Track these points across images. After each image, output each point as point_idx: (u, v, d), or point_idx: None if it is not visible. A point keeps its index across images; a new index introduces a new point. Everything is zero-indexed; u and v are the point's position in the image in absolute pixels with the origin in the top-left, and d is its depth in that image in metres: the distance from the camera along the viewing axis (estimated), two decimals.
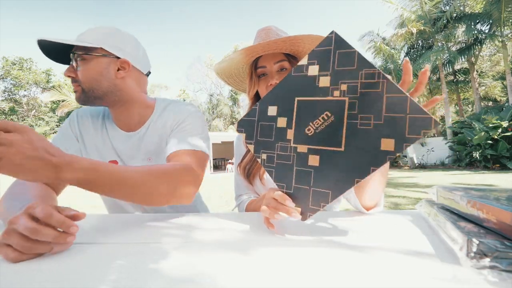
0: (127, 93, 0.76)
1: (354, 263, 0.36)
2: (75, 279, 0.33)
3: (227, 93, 32.23)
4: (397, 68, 13.73)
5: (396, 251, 0.40)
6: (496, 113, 10.78)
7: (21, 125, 0.44)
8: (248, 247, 0.43)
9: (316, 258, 0.38)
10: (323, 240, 0.46)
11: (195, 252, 0.41)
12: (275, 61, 0.82)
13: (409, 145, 0.40)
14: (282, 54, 0.83)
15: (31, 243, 0.39)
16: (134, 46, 0.77)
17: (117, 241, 0.48)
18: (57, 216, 0.41)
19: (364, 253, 0.39)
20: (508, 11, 10.51)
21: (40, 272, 0.36)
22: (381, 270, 0.33)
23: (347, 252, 0.40)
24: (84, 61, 0.70)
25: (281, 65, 0.82)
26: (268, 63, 0.82)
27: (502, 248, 0.30)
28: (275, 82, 0.80)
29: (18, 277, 0.34)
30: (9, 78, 24.77)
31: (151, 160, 0.81)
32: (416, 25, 12.72)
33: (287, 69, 0.83)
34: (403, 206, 4.35)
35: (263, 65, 0.83)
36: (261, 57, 0.83)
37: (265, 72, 0.84)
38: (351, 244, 0.43)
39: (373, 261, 0.36)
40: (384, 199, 0.67)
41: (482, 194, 0.43)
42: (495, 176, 7.79)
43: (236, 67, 0.90)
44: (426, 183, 7.01)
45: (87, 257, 0.41)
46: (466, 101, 18.44)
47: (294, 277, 0.32)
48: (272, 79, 0.81)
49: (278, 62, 0.82)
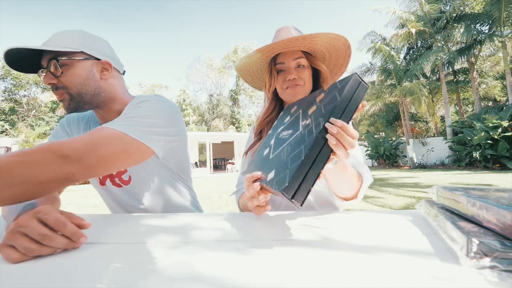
0: (111, 92, 0.77)
1: (354, 263, 0.36)
2: (74, 279, 0.33)
3: (227, 93, 32.24)
4: (397, 68, 13.74)
5: (396, 251, 0.40)
6: (496, 113, 10.78)
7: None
8: (248, 247, 0.43)
9: (316, 258, 0.38)
10: (323, 240, 0.46)
11: (194, 252, 0.41)
12: (294, 57, 0.85)
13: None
14: (300, 52, 0.86)
15: (37, 247, 0.39)
16: (108, 47, 0.78)
17: (116, 241, 0.48)
18: (70, 227, 0.41)
19: (364, 253, 0.39)
20: (508, 11, 10.51)
21: (40, 272, 0.36)
22: (381, 270, 0.33)
23: (347, 252, 0.40)
24: (66, 66, 0.68)
25: (298, 62, 0.86)
26: (286, 59, 0.86)
27: (502, 248, 0.30)
28: (293, 78, 0.84)
29: (18, 277, 0.34)
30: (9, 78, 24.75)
31: None
32: (416, 26, 12.72)
33: (304, 65, 0.86)
34: (403, 206, 4.35)
35: (282, 62, 0.86)
36: (280, 54, 0.87)
37: (283, 68, 0.87)
38: (351, 244, 0.43)
39: (373, 261, 0.36)
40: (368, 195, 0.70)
41: (482, 194, 0.43)
42: (495, 176, 7.79)
43: (255, 65, 0.95)
44: (426, 183, 7.01)
45: (86, 257, 0.41)
46: (466, 101, 18.44)
47: (294, 277, 0.32)
48: (290, 74, 0.84)
49: (297, 59, 0.85)
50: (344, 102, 0.46)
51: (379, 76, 15.93)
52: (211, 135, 16.82)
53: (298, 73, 0.85)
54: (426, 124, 17.64)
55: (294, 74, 0.85)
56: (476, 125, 10.44)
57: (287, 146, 0.52)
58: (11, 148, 15.38)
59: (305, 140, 0.46)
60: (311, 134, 0.46)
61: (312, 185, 0.43)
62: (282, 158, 0.50)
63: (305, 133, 0.49)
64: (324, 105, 0.50)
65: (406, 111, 14.57)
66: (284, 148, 0.53)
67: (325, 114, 0.47)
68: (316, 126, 0.46)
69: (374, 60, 15.59)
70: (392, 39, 13.66)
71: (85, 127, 0.86)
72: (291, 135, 0.54)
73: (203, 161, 19.46)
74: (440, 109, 17.38)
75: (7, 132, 22.02)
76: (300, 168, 0.42)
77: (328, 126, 0.44)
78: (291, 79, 0.84)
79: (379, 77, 16.05)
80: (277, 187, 0.43)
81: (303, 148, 0.44)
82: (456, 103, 16.53)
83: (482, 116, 11.08)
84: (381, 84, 15.69)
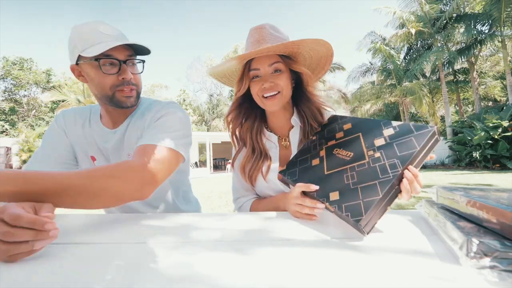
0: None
1: (354, 263, 0.36)
2: (73, 279, 0.33)
3: (227, 93, 32.23)
4: (397, 68, 13.74)
5: (396, 251, 0.40)
6: (496, 113, 10.78)
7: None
8: (247, 247, 0.43)
9: (316, 258, 0.38)
10: (323, 240, 0.46)
11: (194, 252, 0.41)
12: (270, 63, 0.79)
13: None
14: (276, 56, 0.79)
15: (7, 246, 0.38)
16: None
17: (115, 241, 0.48)
18: (26, 217, 0.39)
19: (364, 253, 0.39)
20: (508, 11, 10.51)
21: (39, 272, 0.36)
22: (381, 270, 0.33)
23: (347, 252, 0.40)
24: (137, 65, 0.80)
25: (275, 67, 0.79)
26: (262, 65, 0.79)
27: (502, 248, 0.30)
28: (269, 85, 0.78)
29: (17, 277, 0.34)
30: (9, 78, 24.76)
31: (130, 156, 0.83)
32: (416, 26, 12.72)
33: (282, 70, 0.80)
34: (404, 206, 4.36)
35: (257, 67, 0.79)
36: (254, 59, 0.80)
37: (258, 74, 0.80)
38: (351, 244, 0.43)
39: (373, 261, 0.36)
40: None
41: (482, 194, 0.43)
42: (495, 176, 7.79)
43: (228, 68, 0.88)
44: (426, 183, 7.01)
45: (85, 257, 0.41)
46: (466, 101, 18.43)
47: (294, 277, 0.32)
48: (265, 82, 0.78)
49: (273, 64, 0.79)
50: (420, 153, 0.51)
51: (379, 76, 15.93)
52: (211, 135, 16.81)
53: (275, 80, 0.78)
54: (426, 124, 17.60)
55: (270, 81, 0.78)
56: (476, 125, 10.44)
57: (351, 171, 0.57)
58: (11, 148, 15.38)
59: (379, 177, 0.51)
60: (386, 173, 0.50)
61: (380, 217, 0.48)
62: (347, 183, 0.55)
63: (377, 169, 0.53)
64: (398, 145, 0.54)
65: (406, 111, 14.58)
66: (347, 172, 0.57)
67: (401, 158, 0.51)
68: (392, 168, 0.51)
69: (374, 60, 15.60)
70: (392, 39, 13.66)
71: (84, 123, 0.86)
72: (354, 159, 0.59)
73: (203, 161, 19.47)
74: (440, 109, 17.38)
75: (7, 132, 22.03)
76: (377, 205, 0.47)
77: (406, 174, 0.49)
78: (267, 87, 0.78)
79: (379, 77, 16.05)
80: (351, 216, 0.47)
81: (378, 185, 0.49)
82: (456, 103, 16.53)
83: (482, 116, 11.08)
84: (381, 84, 15.69)
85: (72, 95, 16.09)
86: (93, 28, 0.72)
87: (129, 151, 0.83)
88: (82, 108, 0.90)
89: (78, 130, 0.85)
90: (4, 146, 15.39)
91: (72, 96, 16.00)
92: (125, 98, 0.76)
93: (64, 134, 0.85)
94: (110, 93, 0.74)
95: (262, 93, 0.80)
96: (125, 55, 0.74)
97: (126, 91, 0.75)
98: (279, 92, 0.79)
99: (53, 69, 28.39)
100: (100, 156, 0.85)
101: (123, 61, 0.74)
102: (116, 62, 0.73)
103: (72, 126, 0.86)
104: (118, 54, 0.73)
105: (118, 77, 0.73)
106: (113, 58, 0.72)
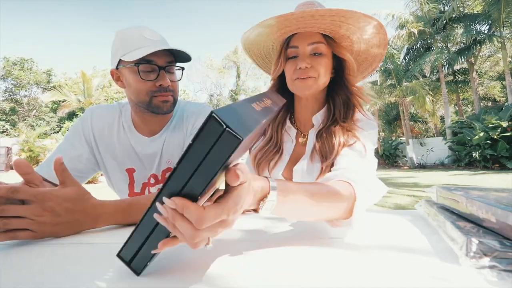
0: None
1: (354, 263, 0.36)
2: (73, 279, 0.33)
3: (227, 93, 32.22)
4: (397, 68, 13.74)
5: (396, 251, 0.40)
6: (495, 113, 10.79)
7: (38, 192, 0.44)
8: (247, 247, 0.43)
9: (316, 258, 0.38)
10: (323, 240, 0.46)
11: (193, 251, 0.41)
12: (310, 42, 0.69)
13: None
14: (319, 35, 0.70)
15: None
16: None
17: (115, 240, 0.48)
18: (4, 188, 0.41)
19: (364, 253, 0.39)
20: (507, 11, 10.52)
21: (38, 272, 0.36)
22: (381, 270, 0.34)
23: (347, 252, 0.40)
24: (176, 72, 0.79)
25: (315, 48, 0.69)
26: (301, 43, 0.69)
27: (501, 248, 0.30)
28: (305, 67, 0.67)
29: (16, 278, 0.34)
30: (10, 78, 24.77)
31: (170, 163, 0.83)
32: (416, 26, 12.73)
33: (322, 53, 0.70)
34: (404, 206, 4.35)
35: (295, 45, 0.70)
36: (294, 35, 0.71)
37: (297, 53, 0.71)
38: (351, 244, 0.43)
39: (373, 261, 0.36)
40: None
41: (482, 194, 0.43)
42: (495, 176, 7.79)
43: (266, 45, 0.80)
44: (426, 183, 7.01)
45: (85, 257, 0.41)
46: (466, 101, 18.45)
47: (294, 277, 0.32)
48: (302, 62, 0.67)
49: (313, 44, 0.69)
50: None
51: (380, 76, 15.93)
52: None
53: (312, 62, 0.68)
54: (426, 125, 17.64)
55: (307, 62, 0.68)
56: (476, 125, 10.45)
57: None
58: (11, 148, 15.38)
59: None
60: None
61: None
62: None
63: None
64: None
65: (406, 111, 14.58)
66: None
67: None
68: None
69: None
70: (393, 39, 13.66)
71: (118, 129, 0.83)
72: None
73: None
74: (440, 109, 17.39)
75: (8, 132, 22.02)
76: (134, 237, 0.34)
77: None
78: (302, 67, 0.68)
79: (380, 77, 16.05)
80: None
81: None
82: (456, 103, 16.54)
83: (482, 116, 11.09)
84: (381, 84, 15.69)
85: (73, 95, 16.09)
86: (136, 33, 0.71)
87: (169, 158, 0.82)
88: (111, 111, 0.86)
89: (112, 137, 0.82)
90: (5, 146, 15.40)
91: (73, 96, 16.00)
92: (162, 103, 0.74)
93: (86, 144, 0.81)
94: (147, 98, 0.73)
95: (297, 75, 0.69)
96: (165, 61, 0.73)
97: (163, 96, 0.74)
98: (314, 77, 0.69)
99: (54, 69, 28.43)
100: (139, 165, 0.83)
101: (162, 67, 0.72)
102: (155, 68, 0.71)
103: (103, 135, 0.82)
104: (158, 60, 0.71)
105: (155, 84, 0.72)
106: (153, 64, 0.71)
